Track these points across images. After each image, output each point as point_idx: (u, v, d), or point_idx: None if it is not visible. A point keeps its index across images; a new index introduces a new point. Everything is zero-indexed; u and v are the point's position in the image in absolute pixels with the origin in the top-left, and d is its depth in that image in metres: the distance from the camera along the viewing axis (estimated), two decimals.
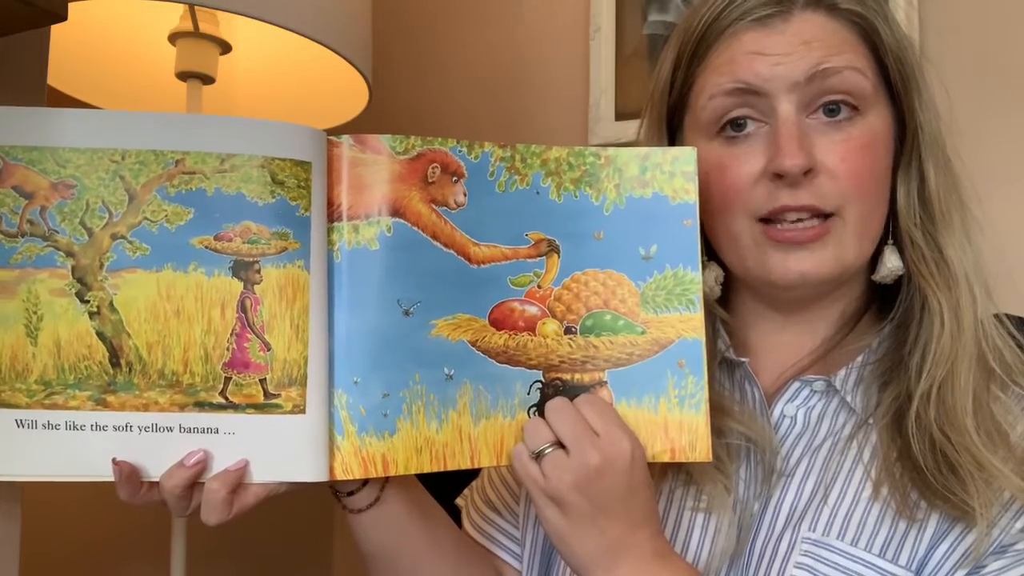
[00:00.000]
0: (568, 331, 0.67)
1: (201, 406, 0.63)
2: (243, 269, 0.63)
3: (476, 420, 0.66)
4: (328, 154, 0.65)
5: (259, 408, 0.63)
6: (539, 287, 0.68)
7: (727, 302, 0.81)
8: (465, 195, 0.67)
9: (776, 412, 0.75)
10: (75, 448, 0.62)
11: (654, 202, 0.68)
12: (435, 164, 0.66)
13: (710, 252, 0.78)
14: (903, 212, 0.73)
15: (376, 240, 0.65)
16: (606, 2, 1.49)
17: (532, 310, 0.67)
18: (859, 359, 0.76)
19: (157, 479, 0.62)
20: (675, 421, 0.67)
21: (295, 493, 0.65)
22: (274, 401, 0.63)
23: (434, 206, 0.66)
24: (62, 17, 0.82)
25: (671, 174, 0.68)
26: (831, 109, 0.70)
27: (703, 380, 0.67)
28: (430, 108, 1.65)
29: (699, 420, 0.67)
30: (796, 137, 0.69)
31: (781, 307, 0.78)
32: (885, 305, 0.78)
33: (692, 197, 0.68)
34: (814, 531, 0.69)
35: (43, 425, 0.62)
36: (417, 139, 0.66)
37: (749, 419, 0.74)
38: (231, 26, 1.23)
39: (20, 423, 0.62)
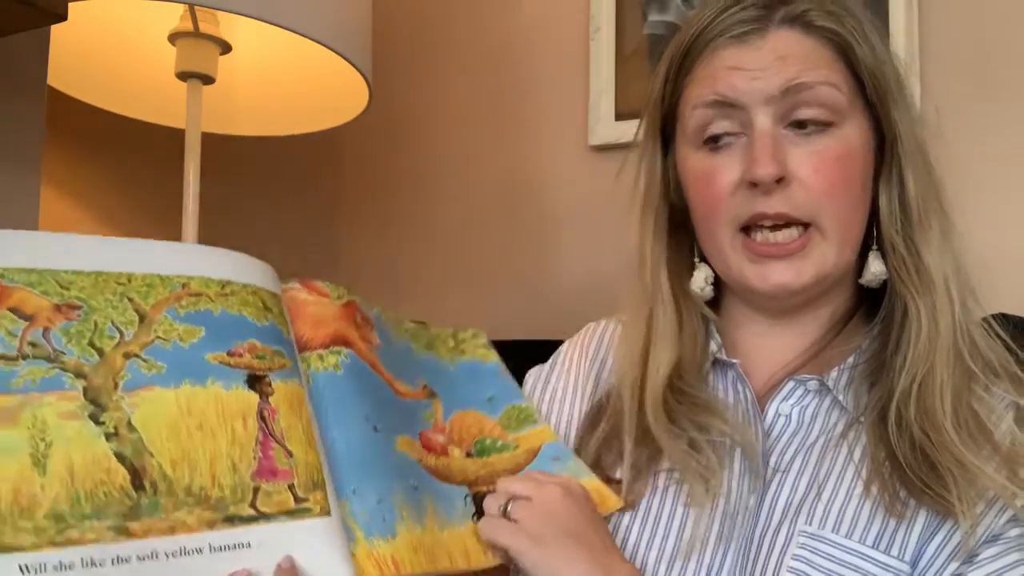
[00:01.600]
0: (468, 455, 0.78)
1: (231, 520, 0.60)
2: (257, 382, 0.64)
3: (441, 527, 0.71)
4: (284, 294, 0.72)
5: (291, 514, 0.62)
6: (436, 422, 0.78)
7: (718, 303, 0.83)
8: (378, 339, 0.77)
9: (771, 411, 0.77)
10: None
11: (474, 364, 0.84)
12: (358, 310, 0.77)
13: (702, 254, 0.81)
14: (885, 218, 0.76)
15: (339, 366, 0.71)
16: (606, 2, 1.49)
17: (440, 439, 0.77)
18: (850, 360, 0.77)
19: None
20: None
21: None
22: (304, 505, 0.63)
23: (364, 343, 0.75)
24: (62, 17, 0.83)
25: (475, 346, 0.85)
26: (805, 123, 0.73)
27: (577, 460, 0.79)
28: (430, 108, 1.65)
29: (594, 483, 0.76)
30: (769, 148, 0.72)
31: (768, 311, 0.80)
32: (875, 307, 0.80)
33: (494, 359, 0.85)
34: (810, 525, 0.71)
35: (54, 567, 0.54)
36: (344, 288, 0.77)
37: (734, 420, 0.77)
38: (231, 26, 1.23)
39: (26, 569, 0.53)
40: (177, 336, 0.63)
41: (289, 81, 1.33)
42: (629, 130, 1.46)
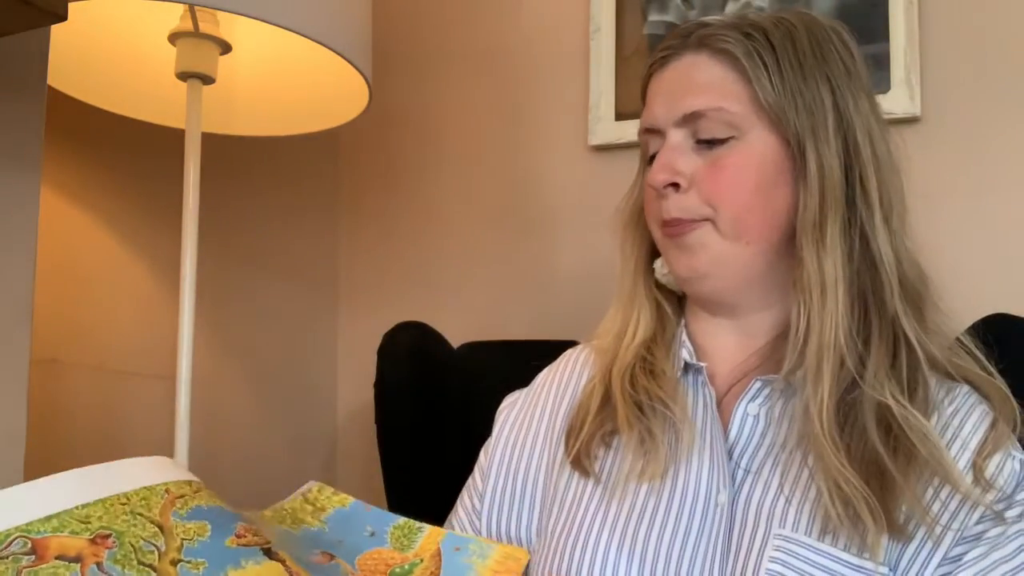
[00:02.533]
0: None
1: None
2: (267, 552, 0.68)
3: None
4: None
5: None
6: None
7: (686, 312, 0.90)
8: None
9: (740, 410, 0.81)
10: None
11: (338, 512, 0.85)
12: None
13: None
14: (798, 226, 0.80)
15: None
16: (606, 2, 1.49)
17: None
18: None
19: None
20: (503, 563, 0.82)
21: None
22: None
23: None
24: (62, 17, 0.82)
25: (327, 496, 0.87)
26: (708, 140, 0.81)
27: (476, 540, 0.82)
28: (430, 108, 1.65)
29: (502, 550, 0.81)
30: (664, 159, 0.82)
31: (714, 309, 0.86)
32: None
33: (350, 500, 0.86)
34: (784, 527, 0.74)
35: None
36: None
37: (683, 403, 0.82)
38: (231, 26, 1.23)
39: None
40: (195, 533, 0.67)
41: (289, 81, 1.33)
42: (629, 130, 1.47)
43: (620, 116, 1.47)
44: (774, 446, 0.78)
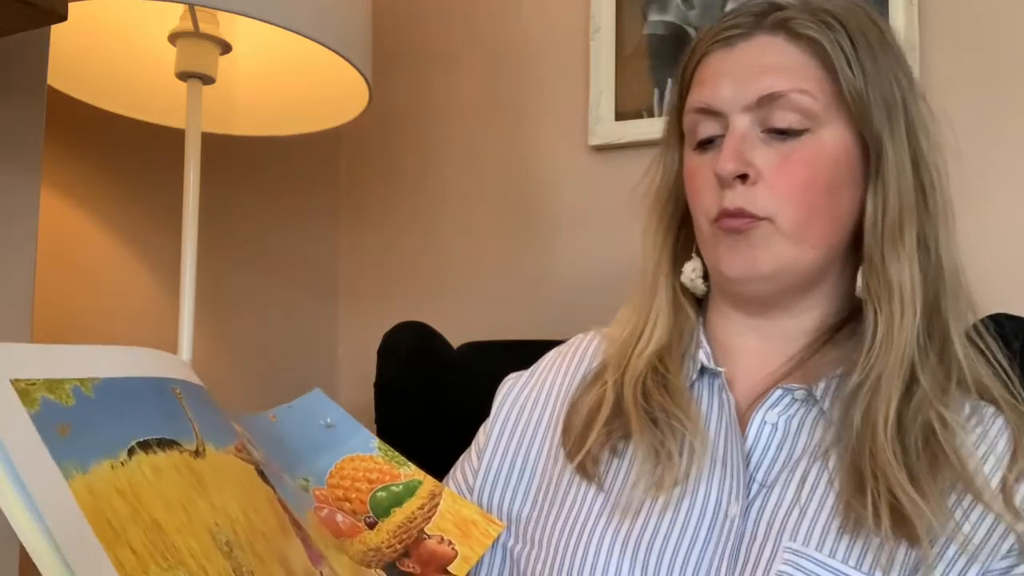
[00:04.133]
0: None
1: None
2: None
3: None
4: None
5: None
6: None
7: (708, 310, 0.86)
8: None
9: (757, 419, 0.77)
10: None
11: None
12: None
13: (697, 248, 0.84)
14: (867, 230, 0.77)
15: None
16: (606, 2, 1.49)
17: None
18: (839, 370, 0.77)
19: None
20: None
21: None
22: None
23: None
24: (62, 17, 0.82)
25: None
26: (780, 129, 0.76)
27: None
28: (430, 108, 1.65)
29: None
30: (734, 147, 0.76)
31: (751, 311, 0.82)
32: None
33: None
34: (794, 540, 0.71)
35: None
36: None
37: (695, 418, 0.78)
38: (231, 26, 1.23)
39: None
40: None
41: (289, 81, 1.33)
42: (629, 130, 1.47)
43: (620, 116, 1.47)
44: (791, 457, 0.75)
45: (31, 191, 0.98)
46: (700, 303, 0.86)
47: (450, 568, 0.75)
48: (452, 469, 0.92)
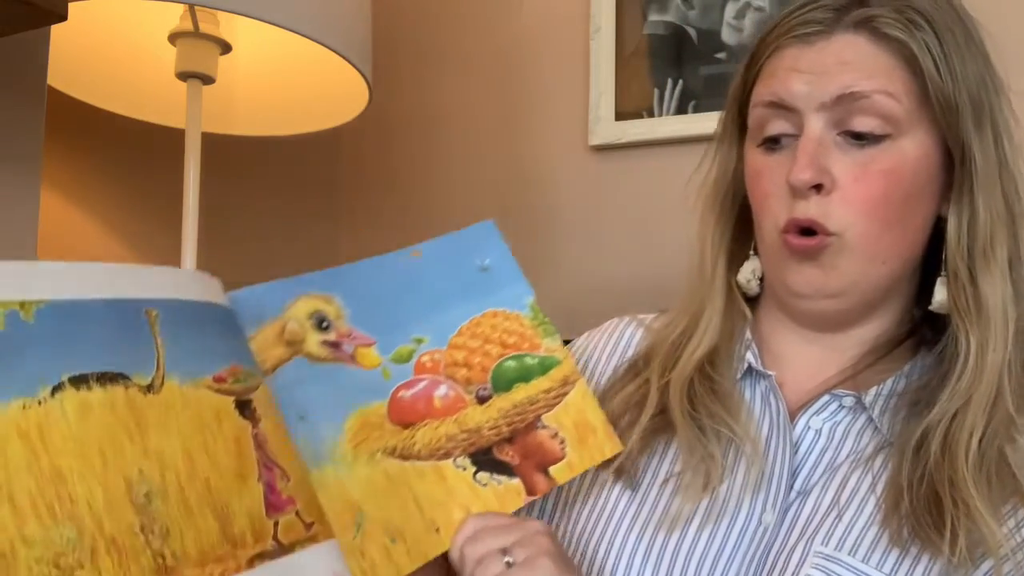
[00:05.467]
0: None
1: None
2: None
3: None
4: None
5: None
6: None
7: (757, 307, 0.82)
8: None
9: (801, 423, 0.75)
10: None
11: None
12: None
13: (755, 247, 0.80)
14: (951, 244, 0.73)
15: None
16: (606, 2, 1.49)
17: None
18: (889, 382, 0.75)
19: None
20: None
21: None
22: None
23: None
24: (62, 17, 0.83)
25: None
26: (859, 133, 0.71)
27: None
28: (430, 108, 1.65)
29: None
30: (810, 153, 0.70)
31: (806, 323, 0.78)
32: (938, 336, 0.76)
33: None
34: (826, 545, 0.69)
35: None
36: None
37: (746, 424, 0.75)
38: (231, 26, 1.23)
39: None
40: None
41: (289, 81, 1.33)
42: (629, 130, 1.48)
43: (620, 116, 1.47)
44: (832, 464, 0.73)
45: (31, 191, 0.98)
46: (750, 300, 0.83)
47: (551, 470, 0.68)
48: None
